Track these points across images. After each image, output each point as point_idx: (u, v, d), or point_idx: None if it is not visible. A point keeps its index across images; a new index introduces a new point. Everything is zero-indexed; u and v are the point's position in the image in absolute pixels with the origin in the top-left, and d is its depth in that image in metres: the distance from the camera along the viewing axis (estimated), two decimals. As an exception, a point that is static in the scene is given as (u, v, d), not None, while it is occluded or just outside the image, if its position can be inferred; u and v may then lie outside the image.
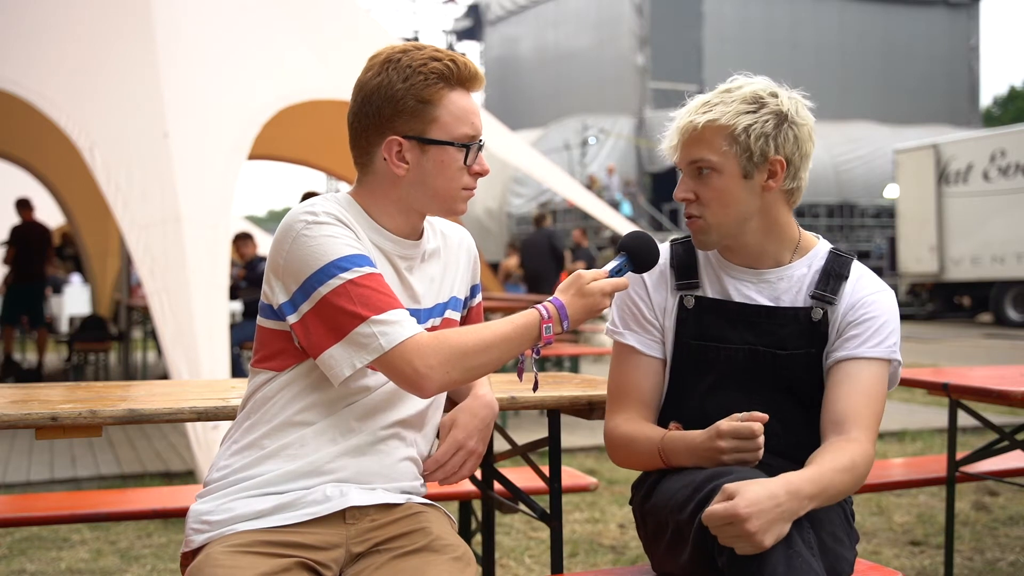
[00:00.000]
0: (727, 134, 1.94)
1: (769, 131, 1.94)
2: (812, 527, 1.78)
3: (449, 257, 2.04)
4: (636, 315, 2.09)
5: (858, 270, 2.04)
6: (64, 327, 13.42)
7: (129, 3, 7.76)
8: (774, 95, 1.97)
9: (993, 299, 19.61)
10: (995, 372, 3.61)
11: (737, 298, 2.03)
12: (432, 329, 1.88)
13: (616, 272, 1.90)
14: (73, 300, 14.81)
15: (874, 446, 1.90)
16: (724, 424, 1.83)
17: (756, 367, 2.00)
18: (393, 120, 1.83)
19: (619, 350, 2.12)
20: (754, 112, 1.94)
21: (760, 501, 1.64)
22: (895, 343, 1.98)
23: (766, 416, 1.82)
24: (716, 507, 1.66)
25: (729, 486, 1.67)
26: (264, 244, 12.54)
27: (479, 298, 2.15)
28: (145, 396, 2.32)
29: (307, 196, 5.16)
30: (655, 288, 2.09)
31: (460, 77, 1.85)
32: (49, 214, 12.83)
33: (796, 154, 1.97)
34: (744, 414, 1.83)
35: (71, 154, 7.35)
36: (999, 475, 3.87)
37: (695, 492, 1.80)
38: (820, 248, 2.07)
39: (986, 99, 50.46)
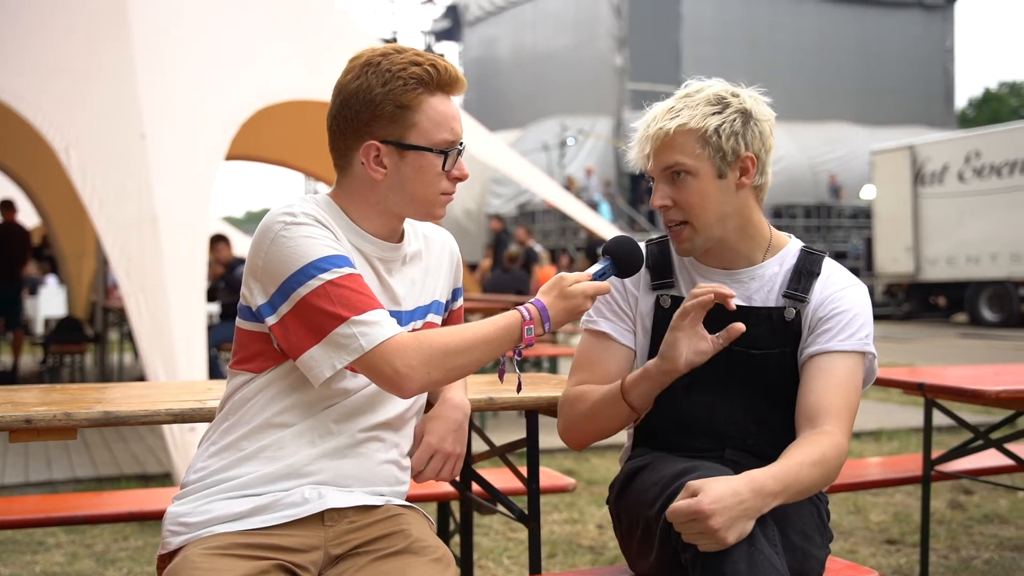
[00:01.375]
0: (698, 136, 1.96)
1: (739, 129, 1.97)
2: (780, 525, 1.78)
3: (431, 260, 2.03)
4: (611, 304, 2.11)
5: (829, 267, 2.06)
6: (39, 329, 13.29)
7: (106, 3, 7.70)
8: (735, 95, 2.01)
9: (968, 299, 19.78)
10: (970, 372, 3.65)
11: (711, 298, 2.04)
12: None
13: (600, 276, 1.90)
14: (48, 301, 14.66)
15: (848, 438, 1.90)
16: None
17: (731, 366, 2.01)
18: (371, 125, 1.81)
19: (590, 336, 2.13)
20: (720, 112, 1.97)
21: (724, 498, 1.64)
22: (867, 335, 1.99)
23: (733, 293, 1.85)
24: (680, 503, 1.67)
25: (693, 483, 1.68)
26: (241, 246, 12.47)
27: (460, 301, 2.14)
28: (121, 398, 2.31)
29: None
30: (631, 284, 2.11)
31: (440, 82, 1.83)
32: (25, 215, 12.72)
33: (763, 150, 2.01)
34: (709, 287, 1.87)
35: (46, 155, 7.28)
36: (974, 474, 3.91)
37: (663, 489, 1.81)
38: (791, 247, 2.09)
39: (961, 101, 50.93)
